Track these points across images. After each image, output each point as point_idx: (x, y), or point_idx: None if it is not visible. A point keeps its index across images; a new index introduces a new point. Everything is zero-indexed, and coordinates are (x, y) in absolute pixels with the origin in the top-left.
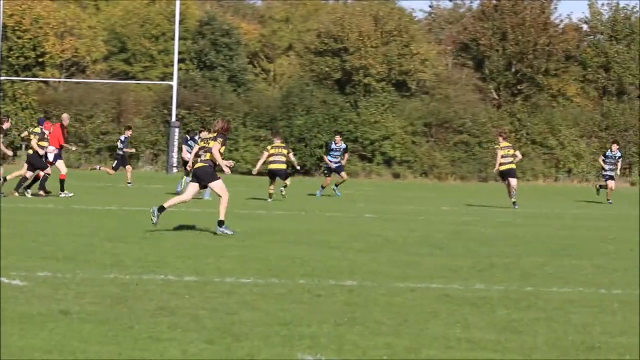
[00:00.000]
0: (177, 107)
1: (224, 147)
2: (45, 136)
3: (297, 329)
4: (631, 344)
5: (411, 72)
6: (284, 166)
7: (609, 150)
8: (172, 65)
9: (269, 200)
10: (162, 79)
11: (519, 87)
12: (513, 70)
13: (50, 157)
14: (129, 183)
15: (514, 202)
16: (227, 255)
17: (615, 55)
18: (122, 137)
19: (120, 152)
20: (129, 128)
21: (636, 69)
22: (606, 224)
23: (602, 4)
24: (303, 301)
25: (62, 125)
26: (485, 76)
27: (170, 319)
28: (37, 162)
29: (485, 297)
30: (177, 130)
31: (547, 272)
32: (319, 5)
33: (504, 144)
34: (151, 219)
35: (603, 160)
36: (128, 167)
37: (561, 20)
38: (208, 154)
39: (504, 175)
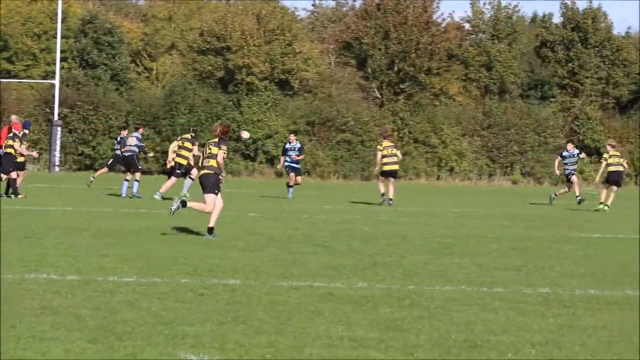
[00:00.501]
0: (60, 105)
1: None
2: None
3: (180, 328)
4: (512, 342)
5: (294, 71)
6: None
7: (565, 150)
8: (55, 63)
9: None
10: (45, 78)
11: (401, 86)
12: (395, 69)
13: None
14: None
15: (390, 199)
16: (110, 254)
17: (497, 54)
18: (119, 138)
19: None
20: (124, 128)
21: (518, 68)
22: (488, 222)
23: (484, 3)
24: (186, 300)
25: (9, 128)
26: (367, 75)
27: (53, 318)
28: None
29: (368, 295)
30: (59, 129)
31: (430, 270)
32: (202, 4)
33: (385, 143)
34: (171, 209)
35: (560, 162)
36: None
37: (443, 19)
38: (212, 161)
39: (386, 175)
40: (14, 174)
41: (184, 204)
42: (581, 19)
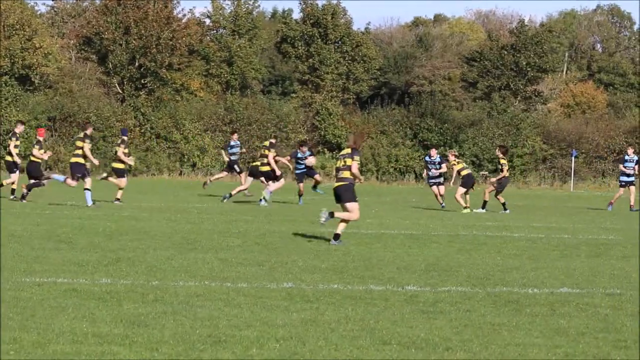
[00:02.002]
0: None
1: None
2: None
3: None
4: (257, 337)
5: (34, 66)
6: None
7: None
8: None
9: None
10: None
11: (142, 81)
12: (137, 64)
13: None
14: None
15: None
16: None
17: (238, 49)
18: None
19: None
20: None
21: (259, 64)
22: (231, 217)
23: None
24: None
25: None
26: (109, 70)
27: None
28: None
29: (112, 291)
30: None
31: (173, 266)
32: None
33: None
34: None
35: (427, 165)
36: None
37: (184, 15)
38: (346, 172)
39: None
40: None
41: (331, 214)
42: (321, 14)
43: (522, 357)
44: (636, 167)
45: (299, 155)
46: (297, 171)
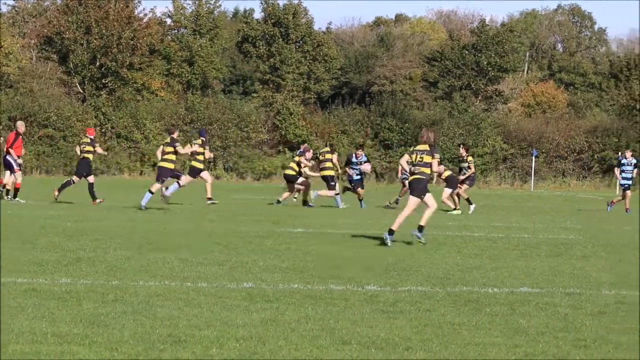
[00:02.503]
0: None
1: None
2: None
3: None
4: (217, 336)
5: None
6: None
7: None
8: None
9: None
10: None
11: (103, 81)
12: (98, 64)
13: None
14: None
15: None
16: None
17: (199, 49)
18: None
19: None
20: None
21: (220, 63)
22: (192, 217)
23: None
24: None
25: (17, 133)
26: (69, 70)
27: None
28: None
29: (72, 291)
30: None
31: (134, 265)
32: None
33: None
34: (387, 244)
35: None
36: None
37: (145, 14)
38: (425, 168)
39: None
40: (91, 178)
41: (391, 232)
42: (282, 14)
43: (481, 356)
44: (635, 170)
45: (354, 160)
46: (356, 177)
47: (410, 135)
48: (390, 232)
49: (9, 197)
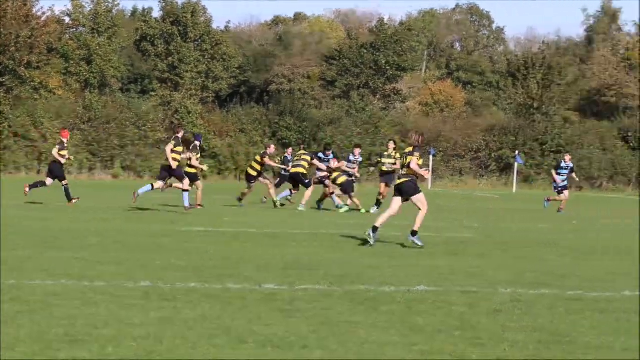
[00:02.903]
0: None
1: (421, 160)
2: (66, 145)
3: None
4: (114, 335)
5: None
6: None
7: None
8: None
9: None
10: None
11: (1, 80)
12: None
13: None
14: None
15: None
16: None
17: (97, 48)
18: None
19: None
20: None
21: (118, 62)
22: (89, 216)
23: None
24: None
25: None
26: None
27: None
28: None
29: None
30: None
31: (31, 264)
32: None
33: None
34: (369, 242)
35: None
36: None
37: (44, 13)
38: (408, 169)
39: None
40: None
41: (374, 229)
42: (181, 13)
43: (378, 355)
44: (573, 174)
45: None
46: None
47: (308, 134)
48: (374, 229)
49: None
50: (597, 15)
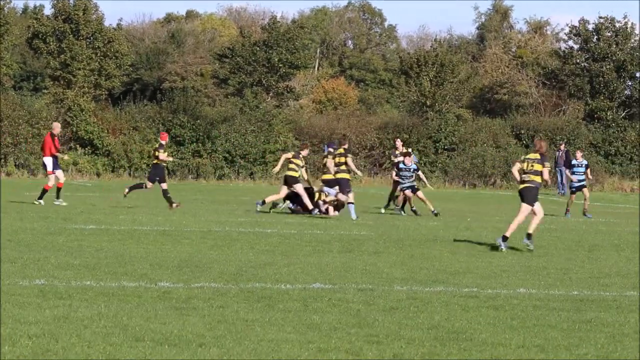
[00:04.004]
0: None
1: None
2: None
3: None
4: (9, 334)
5: None
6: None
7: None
8: None
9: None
10: None
11: None
12: None
13: (50, 167)
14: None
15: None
16: None
17: None
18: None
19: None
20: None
21: (10, 60)
22: None
23: None
24: None
25: (52, 134)
26: None
27: None
28: None
29: None
30: None
31: None
32: None
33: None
34: (501, 250)
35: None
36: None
37: None
38: (536, 176)
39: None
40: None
41: (504, 238)
42: (72, 10)
43: (275, 352)
44: (588, 171)
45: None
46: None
47: (202, 132)
48: (504, 238)
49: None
50: (488, 13)
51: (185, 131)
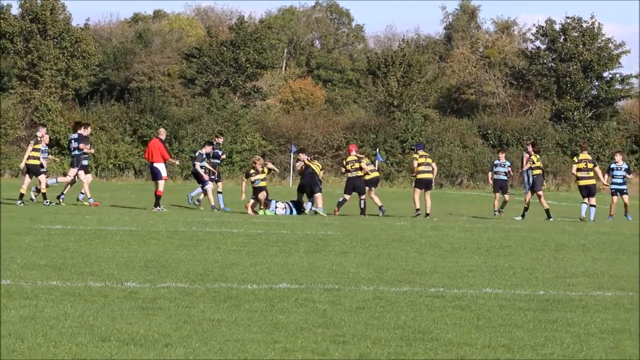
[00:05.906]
0: None
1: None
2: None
3: None
4: None
5: None
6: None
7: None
8: None
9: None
10: None
11: None
12: None
13: (164, 173)
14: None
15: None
16: None
17: None
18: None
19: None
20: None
21: None
22: None
23: None
24: None
25: (161, 140)
26: None
27: None
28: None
29: None
30: None
31: None
32: None
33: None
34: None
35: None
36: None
37: None
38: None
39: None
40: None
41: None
42: (40, 10)
43: (241, 352)
44: (628, 175)
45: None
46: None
47: (169, 132)
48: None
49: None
50: (456, 13)
51: (152, 131)
